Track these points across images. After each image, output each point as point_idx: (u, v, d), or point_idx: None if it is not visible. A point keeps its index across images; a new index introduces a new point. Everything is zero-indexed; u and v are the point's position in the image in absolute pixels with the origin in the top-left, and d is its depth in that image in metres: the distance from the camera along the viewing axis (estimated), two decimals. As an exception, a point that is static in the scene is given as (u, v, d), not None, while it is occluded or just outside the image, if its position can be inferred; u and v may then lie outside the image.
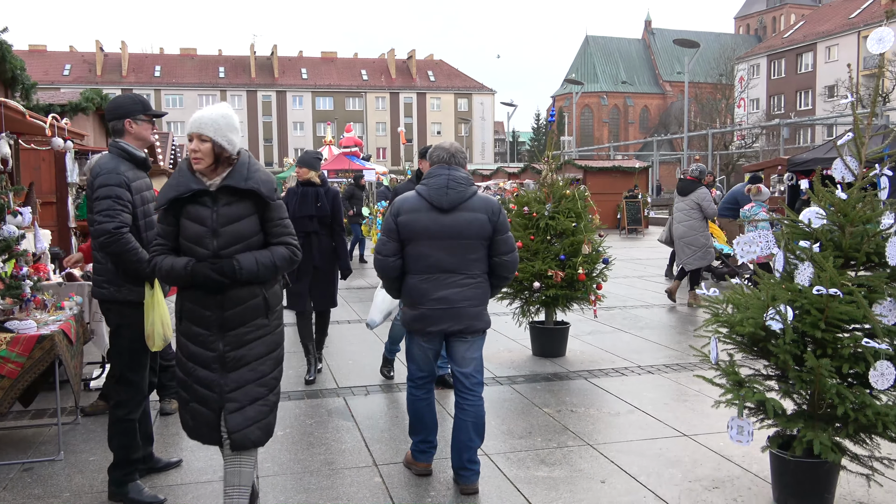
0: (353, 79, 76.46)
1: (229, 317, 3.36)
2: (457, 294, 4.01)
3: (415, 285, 4.07)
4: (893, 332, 3.51)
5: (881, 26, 3.63)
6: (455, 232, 4.01)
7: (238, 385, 3.38)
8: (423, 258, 4.03)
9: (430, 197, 4.04)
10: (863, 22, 52.42)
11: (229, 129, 3.35)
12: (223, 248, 3.33)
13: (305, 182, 6.41)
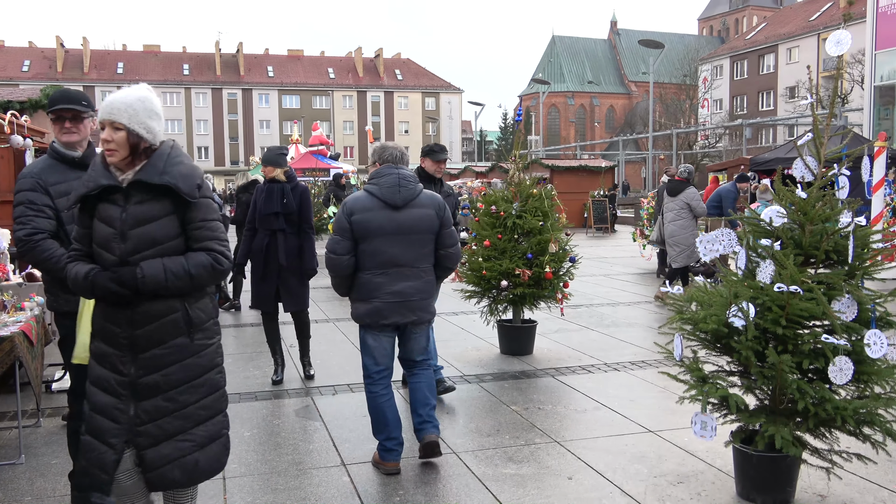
0: (319, 77, 76.00)
1: (141, 335, 2.83)
2: (410, 287, 4.29)
3: (369, 280, 4.24)
4: (852, 328, 3.59)
5: (840, 29, 3.71)
6: (408, 228, 4.28)
7: (151, 417, 2.85)
8: (378, 254, 4.24)
9: (382, 195, 4.26)
10: (822, 24, 53.47)
11: (148, 115, 2.86)
12: (131, 253, 2.81)
13: (271, 179, 6.30)
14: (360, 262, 4.26)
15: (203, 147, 71.98)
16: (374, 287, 4.23)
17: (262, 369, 6.72)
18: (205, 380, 2.94)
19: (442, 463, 4.47)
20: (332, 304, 10.41)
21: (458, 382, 6.23)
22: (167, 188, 2.83)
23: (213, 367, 2.99)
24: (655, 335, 7.72)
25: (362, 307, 4.27)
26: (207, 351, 2.96)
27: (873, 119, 21.99)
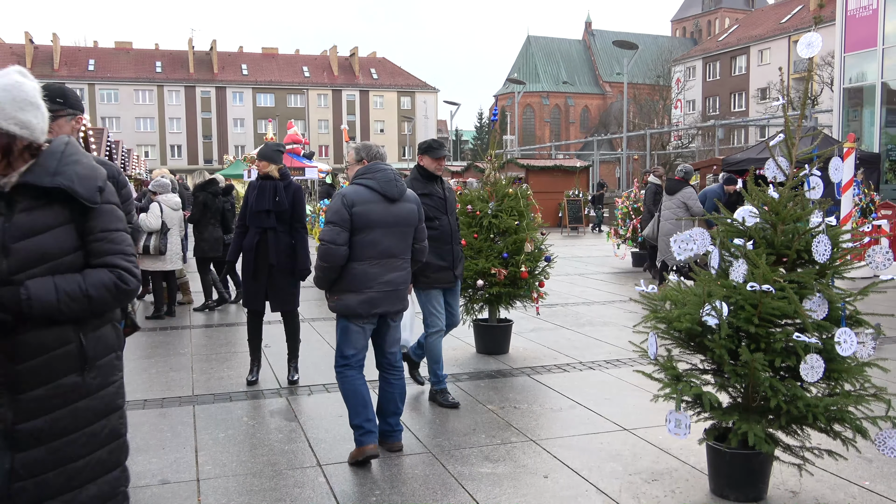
0: (294, 75, 75.54)
1: (23, 372, 2.26)
2: (399, 277, 4.54)
3: (364, 271, 4.38)
4: (822, 326, 3.64)
5: (811, 31, 3.76)
6: (401, 219, 4.51)
7: (31, 473, 2.28)
8: (374, 245, 4.40)
9: (381, 189, 4.43)
10: (793, 27, 54.19)
11: (18, 107, 2.29)
12: (16, 270, 2.23)
13: (264, 176, 6.18)
14: (354, 253, 4.36)
15: (176, 145, 71.25)
16: (370, 277, 4.38)
17: (236, 370, 6.67)
18: (100, 427, 2.40)
19: (418, 462, 4.47)
20: (309, 304, 10.35)
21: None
22: (61, 192, 2.31)
23: (111, 412, 2.45)
24: (630, 334, 7.76)
25: (354, 298, 4.37)
26: (105, 392, 2.42)
27: (843, 120, 22.33)
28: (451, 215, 5.66)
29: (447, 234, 5.56)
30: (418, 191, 5.11)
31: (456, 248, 5.69)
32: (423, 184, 5.52)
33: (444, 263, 5.55)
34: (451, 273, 5.64)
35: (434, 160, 5.60)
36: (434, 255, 5.35)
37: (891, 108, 21.39)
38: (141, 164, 44.13)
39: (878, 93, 21.16)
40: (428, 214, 5.24)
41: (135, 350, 7.59)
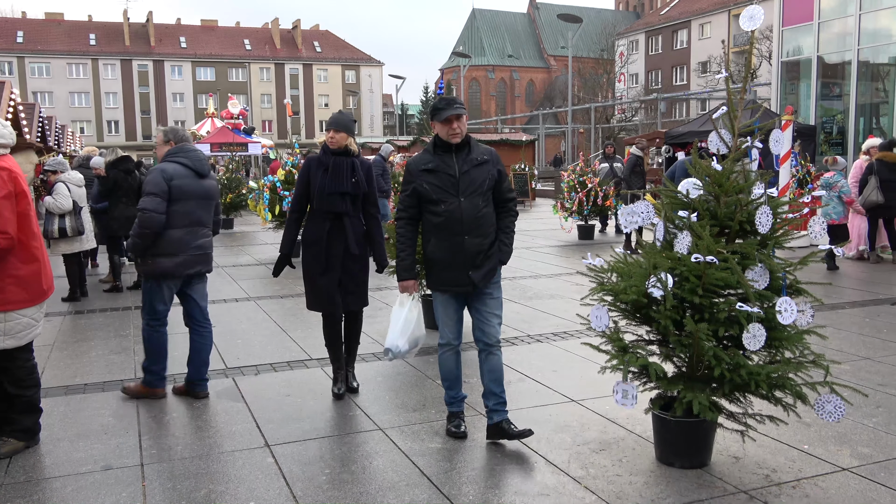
0: (235, 49, 73.81)
1: None
2: (206, 242, 5.28)
3: (179, 237, 5.04)
4: (764, 296, 3.72)
5: (753, 4, 3.79)
6: (208, 193, 5.35)
7: None
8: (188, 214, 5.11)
9: (194, 166, 5.20)
10: (733, 1, 55.03)
11: None
12: None
13: (339, 150, 5.15)
14: (170, 221, 5.00)
15: (113, 121, 69.12)
16: (184, 243, 5.05)
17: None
18: None
19: (368, 440, 4.44)
20: (253, 282, 10.20)
21: (383, 358, 6.19)
22: None
23: None
24: (577, 306, 7.85)
25: (170, 261, 5.01)
26: None
27: (781, 93, 22.84)
28: (472, 196, 4.22)
29: (455, 222, 4.20)
30: (420, 165, 4.29)
31: (474, 240, 4.22)
32: (429, 156, 4.31)
33: (449, 259, 4.23)
34: (463, 275, 4.23)
35: (442, 124, 4.24)
36: (438, 248, 4.25)
37: (826, 82, 21.95)
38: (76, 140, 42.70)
39: (814, 66, 21.68)
40: (430, 196, 4.23)
41: (73, 333, 7.37)
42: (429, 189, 4.23)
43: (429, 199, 4.25)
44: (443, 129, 4.25)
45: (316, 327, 7.29)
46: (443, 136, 4.27)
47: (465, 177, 4.24)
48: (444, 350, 4.44)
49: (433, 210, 4.25)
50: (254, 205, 15.29)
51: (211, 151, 25.84)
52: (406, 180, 4.37)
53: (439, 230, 4.25)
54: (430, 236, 4.31)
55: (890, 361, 5.94)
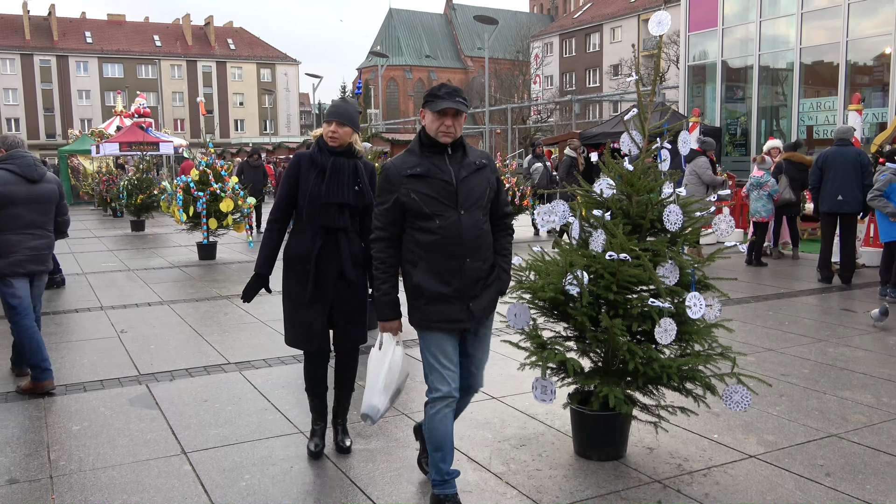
0: (144, 44, 71.44)
1: None
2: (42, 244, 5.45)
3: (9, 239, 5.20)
4: (674, 291, 3.86)
5: (661, 10, 3.93)
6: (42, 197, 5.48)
7: None
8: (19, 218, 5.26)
9: (23, 172, 5.31)
10: (642, 6, 56.76)
11: None
12: None
13: (342, 149, 4.02)
14: (2, 226, 5.18)
15: (13, 119, 65.82)
16: (16, 244, 5.24)
17: (88, 357, 6.29)
18: None
19: (290, 444, 4.39)
20: (167, 285, 9.91)
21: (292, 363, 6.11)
22: None
23: None
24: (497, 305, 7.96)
25: (3, 261, 5.20)
26: None
27: (688, 96, 23.67)
28: (472, 210, 3.41)
29: (453, 242, 3.36)
30: (404, 169, 3.38)
31: (475, 264, 3.42)
32: (415, 158, 3.43)
33: (445, 289, 3.39)
34: (462, 308, 3.43)
35: (435, 116, 3.39)
36: (430, 273, 3.38)
37: (730, 85, 22.89)
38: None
39: (718, 70, 22.57)
40: (420, 209, 3.35)
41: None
42: (418, 200, 3.34)
43: (418, 213, 3.36)
44: (434, 122, 3.38)
45: (233, 330, 7.16)
46: (431, 130, 3.40)
47: (464, 184, 3.41)
48: (438, 407, 3.43)
49: (424, 227, 3.37)
50: (166, 206, 14.83)
51: (120, 150, 24.92)
52: (383, 189, 3.43)
53: (432, 252, 3.37)
54: (417, 260, 3.40)
55: (791, 352, 6.26)
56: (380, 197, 3.47)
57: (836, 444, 4.26)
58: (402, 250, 3.47)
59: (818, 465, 3.98)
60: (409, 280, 3.46)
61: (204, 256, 12.41)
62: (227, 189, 12.32)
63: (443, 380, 3.44)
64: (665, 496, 3.65)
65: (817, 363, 5.93)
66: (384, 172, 3.45)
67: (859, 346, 6.47)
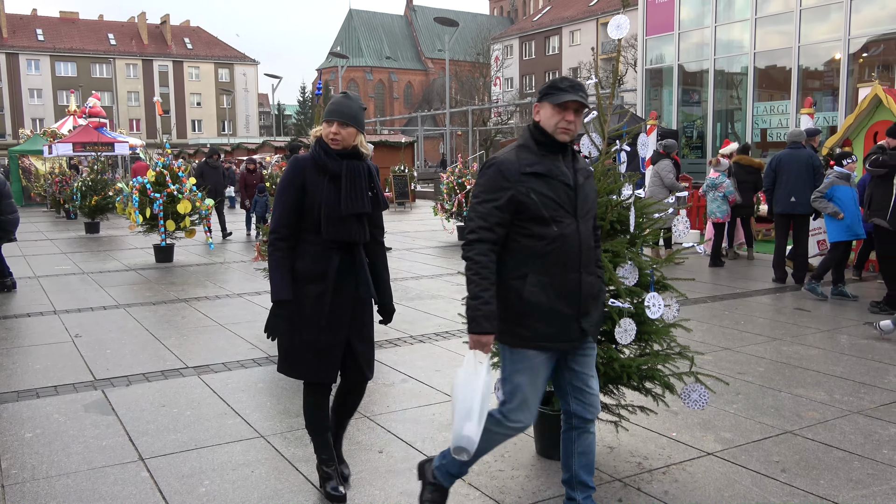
0: (98, 43, 70.09)
1: None
2: None
3: None
4: (634, 292, 3.90)
5: (619, 14, 3.97)
6: None
7: None
8: None
9: None
10: (600, 10, 57.42)
11: None
12: None
13: (348, 152, 3.56)
14: None
15: (-40, 118, 64.12)
16: None
17: (42, 362, 6.14)
18: None
19: (250, 448, 4.34)
20: (122, 288, 9.73)
21: (264, 363, 6.07)
22: None
23: None
24: (459, 306, 7.97)
25: None
26: None
27: (645, 99, 24.00)
28: (587, 219, 3.18)
29: (571, 252, 3.08)
30: (524, 165, 3.06)
31: (588, 279, 3.15)
32: (532, 155, 3.11)
33: (559, 305, 3.07)
34: (573, 325, 3.11)
35: (555, 109, 3.09)
36: (542, 286, 3.05)
37: (686, 89, 23.27)
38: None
39: (675, 74, 22.92)
40: (538, 212, 3.02)
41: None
42: (538, 201, 3.02)
43: (534, 217, 3.03)
44: (553, 116, 3.07)
45: (191, 334, 7.05)
46: (548, 126, 3.09)
47: (582, 190, 3.14)
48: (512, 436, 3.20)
49: (539, 233, 3.04)
50: (122, 207, 14.55)
51: (74, 151, 24.39)
52: (494, 185, 3.05)
53: (545, 262, 3.04)
54: (526, 272, 3.05)
55: (747, 351, 6.38)
56: (488, 193, 3.05)
57: (791, 441, 4.35)
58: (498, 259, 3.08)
59: (774, 462, 4.06)
60: (512, 294, 3.06)
61: (161, 259, 12.20)
62: (185, 190, 12.14)
63: (528, 411, 3.16)
64: (626, 494, 3.69)
65: (772, 361, 6.06)
66: (495, 166, 3.08)
67: (812, 344, 6.63)
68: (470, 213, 3.11)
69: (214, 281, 10.26)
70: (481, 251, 3.03)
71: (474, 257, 3.03)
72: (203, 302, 8.65)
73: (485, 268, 3.02)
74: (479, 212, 3.05)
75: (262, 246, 7.24)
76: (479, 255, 3.02)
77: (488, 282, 3.01)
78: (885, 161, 8.07)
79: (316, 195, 3.46)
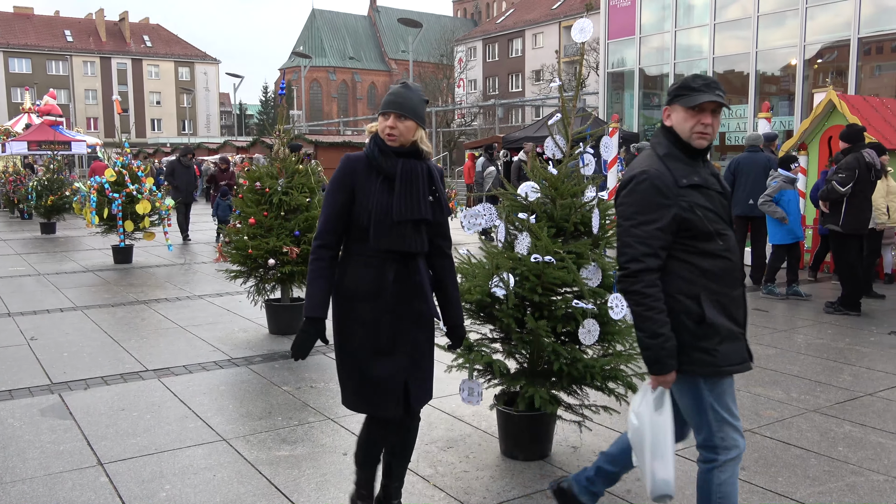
0: (54, 39, 68.65)
1: None
2: None
3: None
4: (597, 293, 3.94)
5: (583, 17, 4.01)
6: None
7: None
8: None
9: None
10: (563, 13, 57.86)
11: None
12: None
13: (406, 149, 3.11)
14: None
15: None
16: None
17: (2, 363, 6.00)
18: None
19: (212, 451, 4.29)
20: (80, 290, 9.54)
21: (226, 366, 6.00)
22: None
23: None
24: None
25: None
26: None
27: (607, 102, 24.27)
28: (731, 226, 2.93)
29: (736, 266, 2.89)
30: (682, 177, 2.76)
31: (744, 292, 2.95)
32: (682, 165, 2.81)
33: (733, 325, 2.83)
34: (744, 345, 2.88)
35: (689, 113, 2.81)
36: (717, 306, 2.79)
37: (647, 92, 23.57)
38: None
39: (636, 77, 23.22)
40: (703, 227, 2.75)
41: None
42: (702, 216, 2.75)
43: (699, 233, 2.75)
44: (688, 121, 2.80)
45: (151, 336, 6.95)
46: (683, 133, 2.82)
47: (726, 194, 2.93)
48: (731, 465, 2.84)
49: (706, 249, 2.77)
50: (79, 208, 14.26)
51: (29, 150, 23.85)
52: (651, 203, 2.74)
53: (717, 281, 2.79)
54: (698, 291, 2.77)
55: (706, 350, 6.47)
56: (646, 213, 2.73)
57: (749, 439, 4.43)
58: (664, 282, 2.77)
59: (733, 460, 4.13)
60: (686, 317, 2.76)
61: (120, 260, 11.99)
62: (144, 190, 11.95)
63: (738, 433, 2.85)
64: (589, 494, 3.72)
65: (731, 361, 6.15)
66: (647, 181, 2.76)
67: (770, 343, 6.76)
68: (624, 238, 2.78)
69: (175, 282, 10.11)
70: (650, 282, 2.72)
71: (643, 290, 2.72)
72: (163, 304, 8.52)
73: (658, 300, 2.72)
74: (638, 236, 2.73)
75: (223, 247, 7.16)
76: (649, 286, 2.72)
77: (664, 315, 2.72)
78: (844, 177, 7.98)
79: (367, 198, 3.02)
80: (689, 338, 2.75)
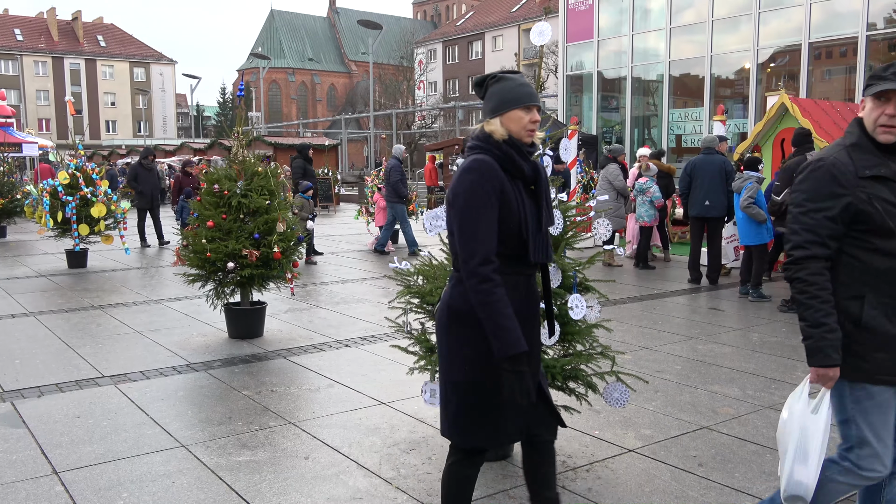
0: (4, 38, 67.00)
1: None
2: None
3: None
4: (558, 293, 3.98)
5: (542, 20, 4.05)
6: None
7: None
8: None
9: None
10: (522, 16, 58.27)
11: None
12: None
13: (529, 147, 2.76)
14: None
15: None
16: None
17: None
18: None
19: (170, 458, 4.22)
20: (32, 295, 9.32)
21: (184, 371, 5.92)
22: None
23: None
24: (385, 310, 7.96)
25: None
26: None
27: (566, 105, 24.48)
28: None
29: None
30: (863, 168, 2.60)
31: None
32: (869, 156, 2.64)
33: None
34: None
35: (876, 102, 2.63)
36: (881, 309, 2.61)
37: (605, 95, 23.84)
38: None
39: (594, 80, 23.47)
40: (883, 222, 2.57)
41: None
42: (881, 210, 2.56)
43: (876, 228, 2.58)
44: (873, 111, 2.62)
45: (107, 342, 6.82)
46: (868, 124, 2.65)
47: None
48: (855, 479, 2.70)
49: (880, 247, 2.59)
50: (31, 211, 13.93)
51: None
52: (824, 191, 2.61)
53: (886, 281, 2.60)
54: (864, 291, 2.61)
55: (665, 350, 6.59)
56: (817, 201, 2.61)
57: (707, 436, 4.51)
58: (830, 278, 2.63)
59: (691, 457, 4.21)
60: (845, 317, 2.61)
61: (74, 264, 11.73)
62: (99, 193, 11.72)
63: (879, 459, 2.63)
64: (551, 493, 3.75)
65: (689, 360, 6.27)
66: (825, 168, 2.62)
67: (726, 342, 6.89)
68: (792, 225, 2.68)
69: (131, 287, 9.94)
70: (815, 270, 2.60)
71: (807, 277, 2.60)
72: (119, 308, 8.36)
73: (823, 289, 2.58)
74: (807, 223, 2.62)
75: (181, 250, 7.05)
76: (813, 274, 2.59)
77: (829, 305, 2.58)
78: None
79: (515, 207, 2.64)
80: (844, 339, 2.60)
